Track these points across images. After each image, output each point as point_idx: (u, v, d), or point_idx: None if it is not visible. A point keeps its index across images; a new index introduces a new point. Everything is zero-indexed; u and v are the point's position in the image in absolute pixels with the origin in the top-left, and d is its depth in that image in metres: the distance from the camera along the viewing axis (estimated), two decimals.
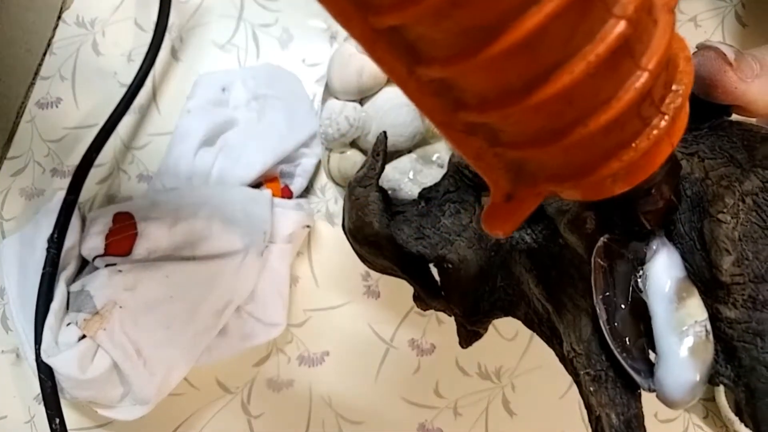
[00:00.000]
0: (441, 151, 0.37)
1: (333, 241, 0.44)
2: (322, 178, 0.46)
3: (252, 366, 0.42)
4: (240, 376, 0.42)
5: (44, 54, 0.51)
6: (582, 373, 0.21)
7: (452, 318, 0.29)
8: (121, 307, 0.38)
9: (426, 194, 0.30)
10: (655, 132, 0.14)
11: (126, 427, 0.41)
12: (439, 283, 0.28)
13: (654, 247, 0.20)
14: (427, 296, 0.28)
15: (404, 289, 0.30)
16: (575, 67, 0.11)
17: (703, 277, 0.19)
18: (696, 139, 0.22)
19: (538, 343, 0.33)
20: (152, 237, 0.40)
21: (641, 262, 0.20)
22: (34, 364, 0.39)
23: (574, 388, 0.40)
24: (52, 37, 0.52)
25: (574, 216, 0.21)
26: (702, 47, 0.21)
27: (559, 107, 0.12)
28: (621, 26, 0.11)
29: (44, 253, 0.40)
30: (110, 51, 0.51)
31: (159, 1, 0.48)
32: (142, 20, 0.51)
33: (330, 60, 0.38)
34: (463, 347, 0.30)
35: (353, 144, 0.39)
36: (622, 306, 0.20)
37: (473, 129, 0.14)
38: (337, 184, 0.40)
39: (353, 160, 0.38)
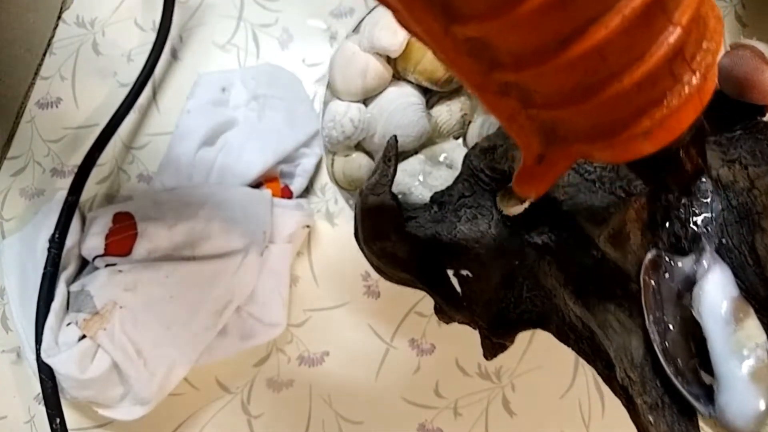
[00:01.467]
0: (448, 151, 0.37)
1: (333, 241, 0.44)
2: (322, 178, 0.45)
3: (252, 366, 0.42)
4: (240, 376, 0.42)
5: (44, 54, 0.52)
6: (639, 401, 0.20)
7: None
8: (121, 307, 0.38)
9: (439, 198, 0.29)
10: (686, 89, 0.13)
11: (126, 426, 0.41)
12: (460, 294, 0.27)
13: (705, 264, 0.19)
14: (449, 309, 0.27)
15: (404, 289, 0.30)
16: (610, 21, 0.11)
17: (757, 294, 0.18)
18: (732, 142, 0.21)
19: (538, 343, 0.33)
20: (152, 237, 0.41)
21: (692, 279, 0.19)
22: (35, 364, 0.39)
23: (574, 388, 0.40)
24: (52, 37, 0.52)
25: (617, 231, 0.21)
26: (736, 46, 0.20)
27: (594, 63, 0.12)
28: None
29: (45, 253, 0.41)
30: (110, 51, 0.51)
31: (163, 2, 0.49)
32: (142, 20, 0.51)
33: (331, 60, 0.37)
34: (487, 359, 0.29)
35: (358, 146, 0.38)
36: (671, 326, 0.19)
37: (507, 89, 0.14)
38: (341, 187, 0.39)
39: (358, 162, 0.38)
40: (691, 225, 0.20)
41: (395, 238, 0.26)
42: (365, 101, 0.38)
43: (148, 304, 0.39)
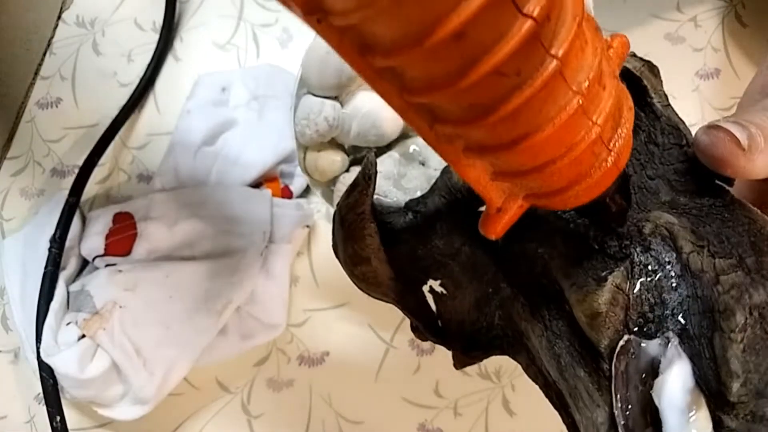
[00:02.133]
0: (421, 147, 0.36)
1: None
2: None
3: (252, 366, 0.42)
4: (240, 376, 0.42)
5: (44, 54, 0.52)
6: None
7: None
8: (121, 307, 0.39)
9: (414, 207, 0.28)
10: (605, 164, 0.18)
11: (126, 426, 0.41)
12: (435, 314, 0.28)
13: (669, 357, 0.20)
14: (426, 330, 0.27)
15: None
16: (548, 128, 0.16)
17: (709, 384, 0.20)
18: (701, 218, 0.22)
19: None
20: (152, 237, 0.41)
21: (656, 362, 0.21)
22: (35, 363, 0.39)
23: None
24: (52, 37, 0.52)
25: (595, 313, 0.22)
26: (713, 127, 0.22)
27: (538, 154, 0.17)
28: (577, 100, 0.16)
29: (45, 253, 0.41)
30: (110, 51, 0.51)
31: (165, 3, 0.49)
32: (142, 20, 0.51)
33: (305, 54, 0.36)
34: (456, 368, 0.29)
35: (331, 141, 0.38)
36: (633, 404, 0.21)
37: (473, 158, 0.18)
38: (314, 180, 0.39)
39: (332, 158, 0.37)
40: (657, 310, 0.22)
41: (376, 263, 0.26)
42: (339, 97, 0.37)
43: (148, 303, 0.39)
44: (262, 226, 0.41)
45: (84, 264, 0.43)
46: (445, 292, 0.27)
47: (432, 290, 0.28)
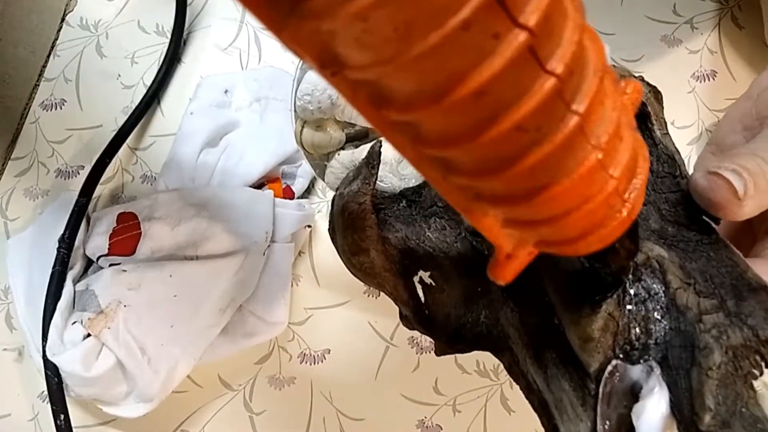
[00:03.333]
0: None
1: None
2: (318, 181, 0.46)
3: (254, 363, 0.43)
4: (242, 374, 0.42)
5: (48, 56, 0.52)
6: None
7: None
8: (125, 306, 0.39)
9: (409, 195, 0.29)
10: (620, 215, 0.18)
11: (130, 424, 0.42)
12: (424, 305, 0.28)
13: (651, 385, 0.22)
14: (414, 320, 0.28)
15: None
16: (565, 182, 0.16)
17: (682, 412, 0.21)
18: (688, 253, 0.23)
19: None
20: (156, 237, 0.41)
21: (638, 387, 0.22)
22: (39, 362, 0.39)
23: None
24: (56, 39, 0.52)
25: (588, 338, 0.22)
26: (713, 173, 0.23)
27: (555, 205, 0.16)
28: (596, 155, 0.16)
29: (52, 253, 0.41)
30: (114, 53, 0.51)
31: (175, 7, 0.49)
32: (146, 23, 0.52)
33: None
34: (437, 355, 0.29)
35: (328, 117, 0.38)
36: (609, 423, 0.22)
37: (486, 207, 0.17)
38: (308, 154, 0.38)
39: (330, 134, 0.36)
40: (643, 338, 0.23)
41: (374, 254, 0.26)
42: None
43: (152, 303, 0.39)
44: (264, 226, 0.41)
45: (88, 264, 0.44)
46: (434, 284, 0.28)
47: (422, 281, 0.28)
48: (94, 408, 0.40)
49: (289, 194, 0.44)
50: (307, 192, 0.46)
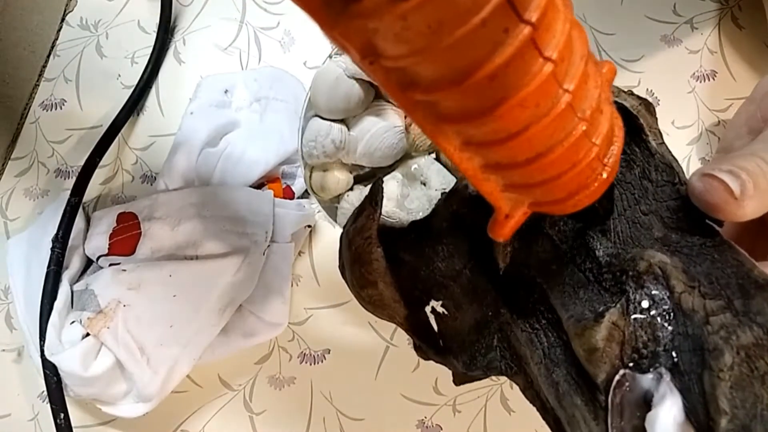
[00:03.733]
0: (423, 168, 0.37)
1: (334, 240, 0.44)
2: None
3: (254, 363, 0.43)
4: (242, 374, 0.42)
5: (48, 56, 0.52)
6: None
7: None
8: (124, 305, 0.39)
9: (416, 228, 0.29)
10: (600, 177, 0.21)
11: (129, 424, 0.42)
12: (437, 334, 0.28)
13: (662, 392, 0.21)
14: (429, 350, 0.28)
15: None
16: (557, 150, 0.19)
17: (698, 418, 0.21)
18: (692, 257, 0.24)
19: None
20: (156, 237, 0.41)
21: (649, 396, 0.22)
22: (39, 361, 0.39)
23: None
24: (56, 39, 0.53)
25: (593, 348, 0.22)
26: (708, 175, 0.24)
27: (550, 168, 0.19)
28: (582, 126, 0.18)
29: (49, 253, 0.41)
30: (114, 53, 0.51)
31: (160, 4, 0.49)
32: (146, 23, 0.52)
33: (314, 79, 0.37)
34: (456, 384, 0.29)
35: (335, 161, 0.39)
36: None
37: (489, 174, 0.20)
38: (320, 198, 0.39)
39: (337, 177, 0.38)
40: (651, 346, 0.22)
41: (382, 286, 0.26)
42: (346, 120, 0.38)
43: (152, 302, 0.39)
44: (264, 225, 0.41)
45: (88, 263, 0.44)
46: (446, 312, 0.28)
47: (434, 310, 0.28)
48: (94, 408, 0.40)
49: (289, 194, 0.44)
50: (307, 192, 0.46)
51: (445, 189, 0.34)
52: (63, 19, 0.53)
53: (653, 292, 0.23)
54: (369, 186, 0.34)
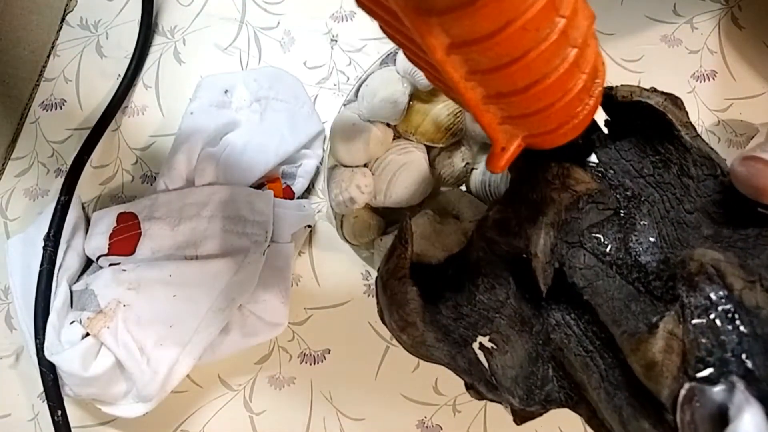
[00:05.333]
0: (454, 202, 0.36)
1: (334, 240, 0.44)
2: (323, 179, 0.46)
3: (254, 363, 0.43)
4: (242, 374, 0.42)
5: (48, 56, 0.52)
6: None
7: None
8: (124, 305, 0.39)
9: (454, 264, 0.28)
10: (588, 107, 0.22)
11: (129, 424, 0.42)
12: (488, 371, 0.26)
13: (737, 403, 0.19)
14: (483, 388, 0.26)
15: None
16: (552, 76, 0.20)
17: None
18: (748, 250, 0.22)
19: None
20: (156, 237, 0.41)
21: (724, 409, 0.20)
22: (36, 360, 0.39)
23: None
24: (56, 39, 0.52)
25: (651, 363, 0.21)
26: (750, 158, 0.23)
27: (543, 97, 0.21)
28: (574, 53, 0.20)
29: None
30: (114, 53, 0.51)
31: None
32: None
33: (331, 129, 0.37)
34: (517, 424, 0.27)
35: (365, 206, 0.39)
36: None
37: (490, 104, 0.22)
38: (354, 246, 0.40)
39: (368, 222, 0.38)
40: (716, 353, 0.20)
41: (422, 326, 0.25)
42: (368, 164, 0.37)
43: (152, 302, 0.39)
44: (264, 225, 0.41)
45: (88, 263, 0.44)
46: (495, 347, 0.26)
47: (482, 346, 0.27)
48: (93, 408, 0.40)
49: (289, 194, 0.44)
50: (307, 192, 0.46)
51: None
52: (63, 19, 0.53)
53: (709, 293, 0.21)
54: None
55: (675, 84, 0.44)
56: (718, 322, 0.21)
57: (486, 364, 0.27)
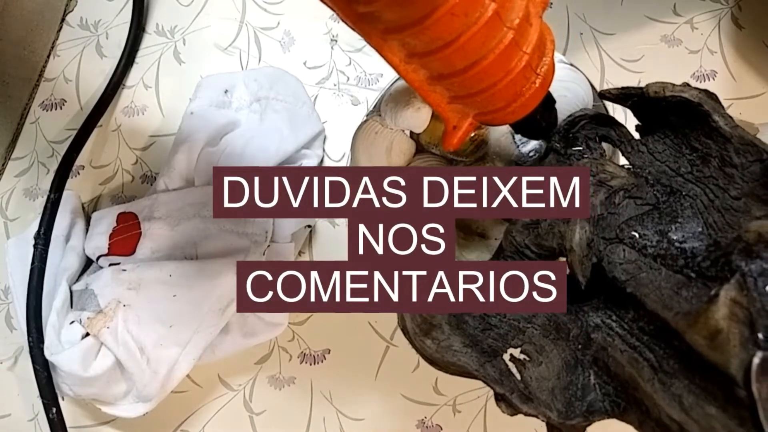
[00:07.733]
0: (478, 221, 0.35)
1: (334, 240, 0.44)
2: None
3: (254, 363, 0.43)
4: (242, 374, 0.42)
5: (48, 56, 0.52)
6: None
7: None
8: (124, 305, 0.39)
9: None
10: (533, 86, 0.23)
11: (129, 424, 0.42)
12: (521, 382, 0.25)
13: None
14: (515, 400, 0.25)
15: None
16: (489, 57, 0.21)
17: None
18: None
19: None
20: (156, 236, 0.41)
21: None
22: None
23: None
24: (56, 39, 0.52)
25: (713, 332, 0.19)
26: None
27: (484, 77, 0.22)
28: (511, 34, 0.21)
29: (49, 252, 0.41)
30: (114, 53, 0.51)
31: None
32: (146, 23, 0.52)
33: (353, 139, 0.37)
34: None
35: None
36: None
37: (435, 84, 0.23)
38: None
39: None
40: None
41: (449, 330, 0.25)
42: None
43: (152, 302, 0.39)
44: (264, 225, 0.41)
45: (88, 263, 0.44)
46: (528, 358, 0.25)
47: (513, 358, 0.26)
48: (93, 408, 0.40)
49: None
50: None
51: None
52: (63, 19, 0.53)
53: None
54: None
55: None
56: None
57: (518, 377, 0.25)
